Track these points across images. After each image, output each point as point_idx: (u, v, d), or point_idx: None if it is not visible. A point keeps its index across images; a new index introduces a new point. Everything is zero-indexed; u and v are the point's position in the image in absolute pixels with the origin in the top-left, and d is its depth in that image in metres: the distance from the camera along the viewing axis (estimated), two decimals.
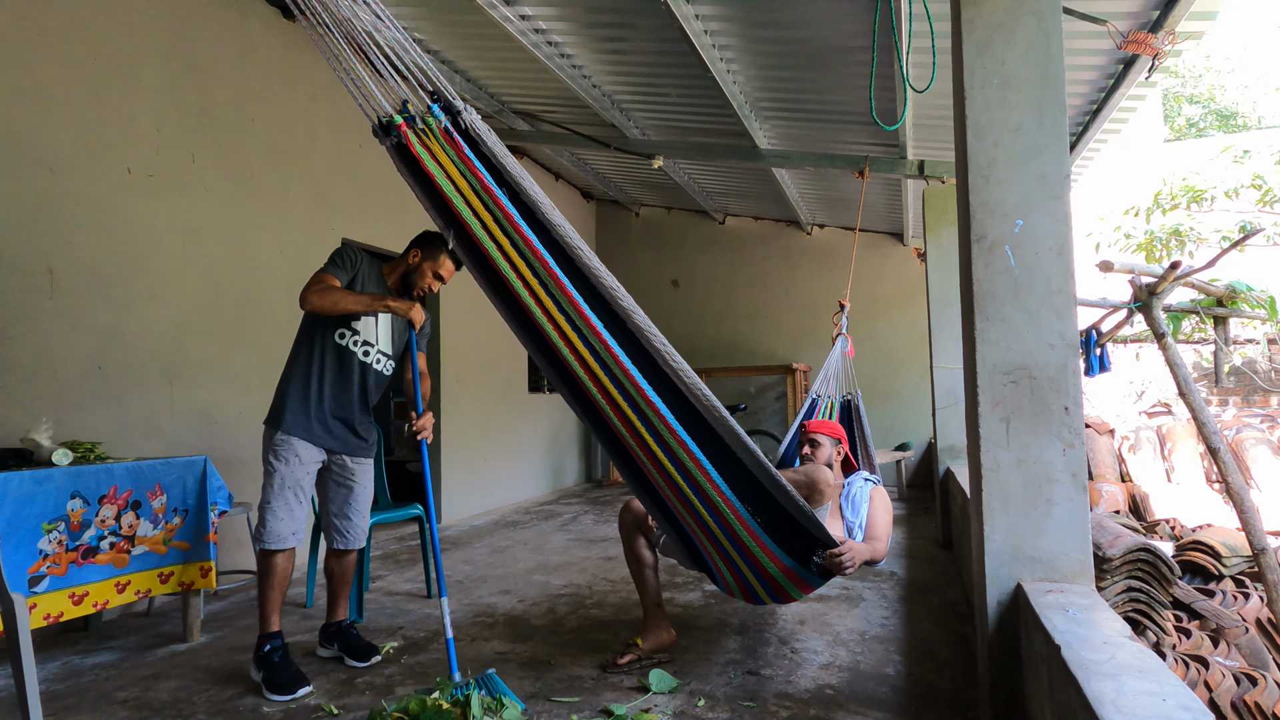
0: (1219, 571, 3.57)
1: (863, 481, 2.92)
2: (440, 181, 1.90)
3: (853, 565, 2.24)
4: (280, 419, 2.54)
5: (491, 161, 1.90)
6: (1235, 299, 3.53)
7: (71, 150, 3.23)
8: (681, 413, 2.02)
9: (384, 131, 1.94)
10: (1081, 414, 1.86)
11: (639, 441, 2.10)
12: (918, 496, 6.84)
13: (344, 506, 2.71)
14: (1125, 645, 1.42)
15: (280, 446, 2.52)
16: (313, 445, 2.56)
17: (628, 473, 2.30)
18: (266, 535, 2.49)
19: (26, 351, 3.03)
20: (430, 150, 1.91)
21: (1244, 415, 6.82)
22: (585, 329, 1.95)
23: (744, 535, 2.17)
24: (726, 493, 2.09)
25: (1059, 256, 1.88)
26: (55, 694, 2.42)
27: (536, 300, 1.97)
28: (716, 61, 3.98)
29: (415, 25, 4.26)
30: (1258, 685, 2.40)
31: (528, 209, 1.91)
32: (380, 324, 2.65)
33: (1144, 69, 3.29)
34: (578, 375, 2.04)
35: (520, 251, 1.93)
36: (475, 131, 1.88)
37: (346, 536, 2.72)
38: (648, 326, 1.96)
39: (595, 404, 2.10)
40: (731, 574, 2.33)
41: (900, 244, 7.68)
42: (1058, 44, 1.92)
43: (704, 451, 2.04)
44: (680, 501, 2.20)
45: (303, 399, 2.54)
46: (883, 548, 2.67)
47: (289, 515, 2.50)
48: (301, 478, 2.54)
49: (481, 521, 5.72)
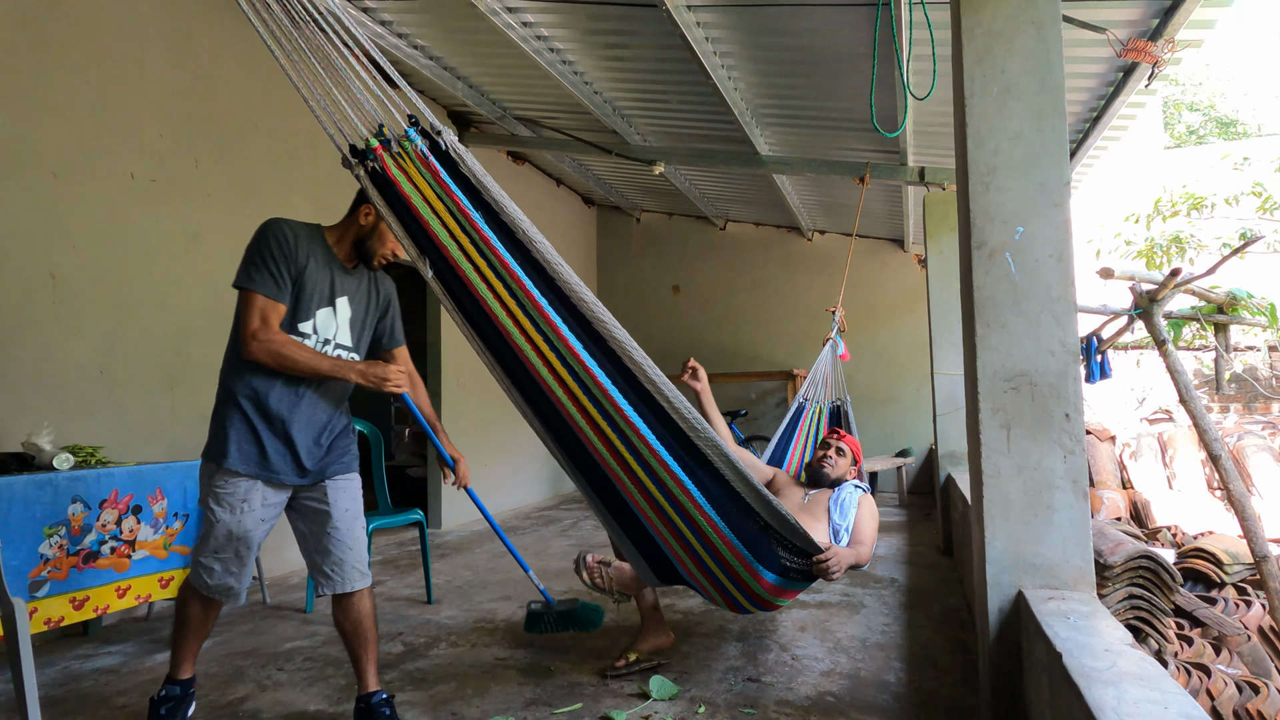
0: (1220, 579, 3.56)
1: (853, 488, 2.98)
2: (416, 203, 1.89)
3: (839, 570, 2.29)
4: (223, 451, 1.96)
5: (470, 182, 1.89)
6: (1236, 306, 3.53)
7: (74, 155, 3.24)
8: (660, 430, 2.01)
9: (359, 157, 1.91)
10: (1082, 421, 1.86)
11: (617, 459, 2.06)
12: (918, 503, 6.83)
13: (321, 537, 2.07)
14: (1127, 653, 1.42)
15: (223, 489, 1.95)
16: (269, 486, 2.00)
17: (594, 490, 2.20)
18: (215, 589, 2.01)
19: (28, 356, 3.04)
20: (406, 173, 1.89)
21: (1245, 422, 6.82)
22: (561, 348, 1.94)
23: (726, 553, 2.16)
24: (707, 509, 2.08)
25: (1059, 263, 1.89)
26: (54, 699, 2.42)
27: (514, 320, 1.95)
28: (718, 68, 3.99)
29: (417, 32, 4.28)
30: (1260, 693, 2.39)
31: (506, 229, 1.91)
32: (339, 310, 2.09)
33: (1144, 77, 3.30)
34: (555, 395, 2.02)
35: (497, 273, 1.91)
36: (455, 153, 1.89)
37: (333, 577, 2.06)
38: (626, 341, 1.96)
39: (572, 423, 2.06)
40: (715, 588, 2.31)
41: (901, 250, 7.69)
42: (1057, 52, 1.92)
43: (683, 469, 2.03)
44: (659, 517, 2.16)
45: (243, 425, 1.98)
46: (867, 552, 2.75)
47: (240, 569, 2.02)
48: (253, 528, 1.98)
49: (482, 527, 5.71)
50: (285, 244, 1.96)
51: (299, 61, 1.87)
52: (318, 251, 2.04)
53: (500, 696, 2.37)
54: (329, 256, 2.07)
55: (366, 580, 2.12)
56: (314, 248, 2.03)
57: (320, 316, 2.05)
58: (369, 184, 1.92)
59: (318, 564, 2.08)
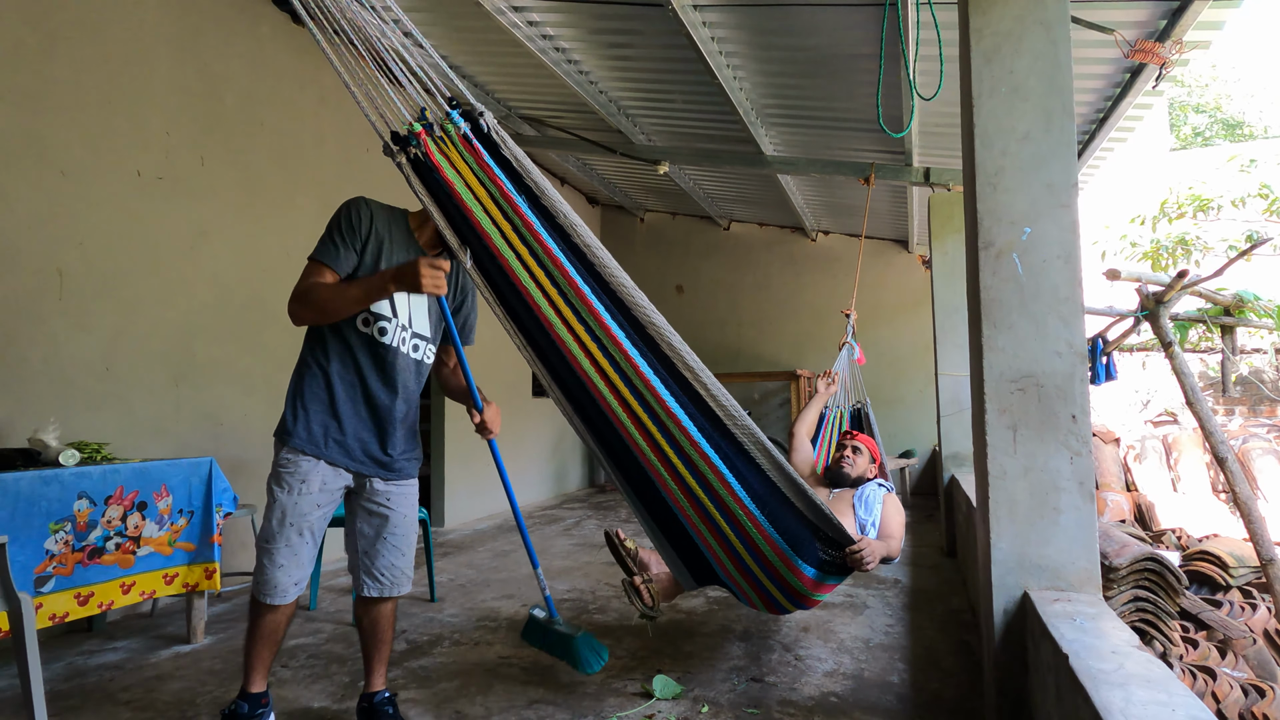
0: (1226, 582, 3.54)
1: (876, 486, 3.04)
2: (459, 189, 1.86)
3: (872, 561, 2.30)
4: (288, 431, 1.94)
5: (511, 166, 1.88)
6: (1242, 308, 3.51)
7: (82, 153, 3.25)
8: (700, 420, 2.00)
9: (400, 144, 1.88)
10: (1089, 422, 1.86)
11: (658, 454, 2.05)
12: (922, 504, 6.82)
13: (376, 542, 2.05)
14: (1133, 655, 1.41)
15: (285, 469, 1.93)
16: (329, 467, 1.95)
17: (633, 488, 2.20)
18: (262, 584, 1.94)
19: (35, 352, 3.05)
20: (449, 158, 1.88)
21: (1251, 425, 6.79)
22: (604, 337, 1.93)
23: (766, 549, 2.15)
24: (746, 502, 2.06)
25: (1066, 264, 1.88)
26: (59, 694, 2.43)
27: (555, 309, 1.93)
28: (723, 68, 3.99)
29: (423, 30, 4.27)
30: (1265, 697, 2.38)
31: (547, 214, 1.90)
32: (413, 296, 2.01)
33: (1151, 78, 3.29)
34: (596, 387, 2.00)
35: (539, 260, 1.90)
36: (498, 134, 1.87)
37: (381, 580, 2.05)
38: (664, 327, 1.94)
39: (612, 415, 2.03)
40: (751, 587, 2.29)
41: (905, 251, 7.68)
42: (1066, 53, 1.92)
43: (722, 459, 2.02)
44: (699, 515, 2.14)
45: (314, 406, 1.95)
46: (896, 545, 2.81)
47: (291, 560, 1.93)
48: (309, 511, 1.93)
49: (485, 525, 5.71)
50: (354, 219, 1.92)
51: (341, 48, 1.84)
52: (396, 233, 1.97)
53: (503, 695, 2.37)
54: (408, 240, 1.98)
55: (404, 587, 2.09)
56: (392, 229, 1.96)
57: (399, 300, 1.96)
58: (411, 172, 1.89)
59: (367, 566, 2.05)
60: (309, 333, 2.01)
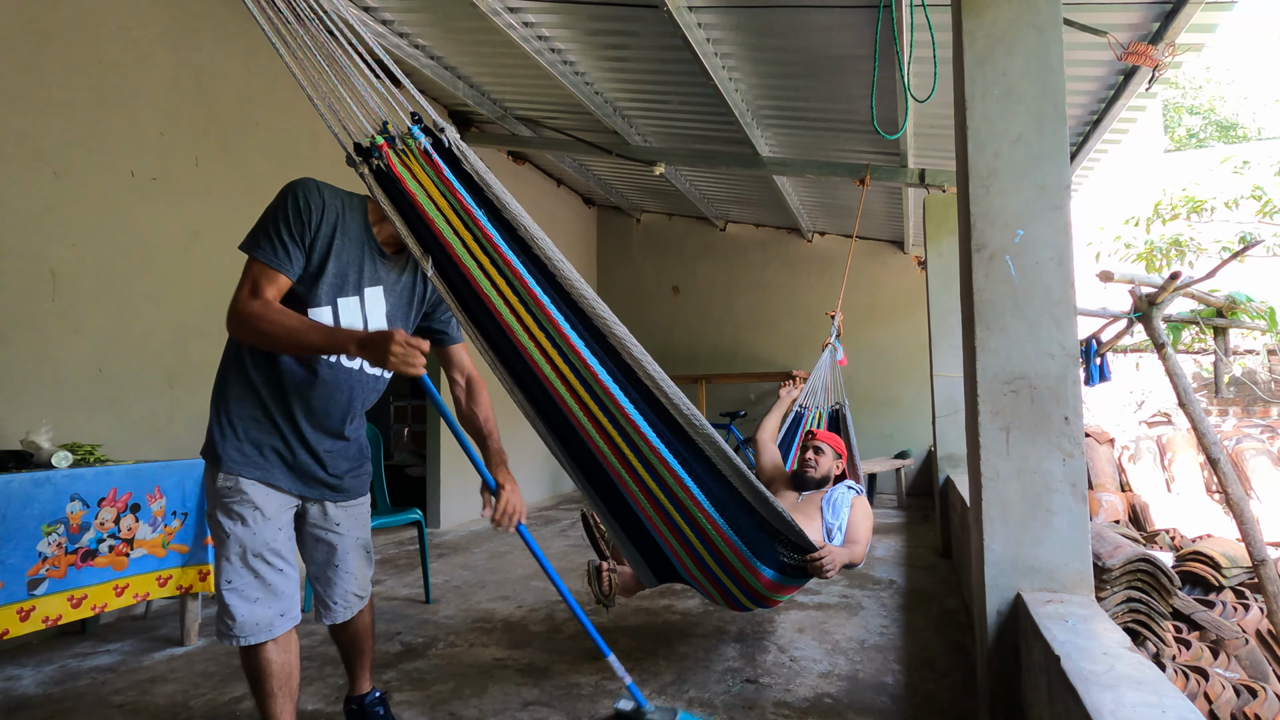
0: (1219, 582, 3.56)
1: (845, 489, 3.04)
2: (421, 200, 1.87)
3: (833, 568, 2.33)
4: (220, 452, 1.67)
5: (472, 179, 1.90)
6: (1235, 309, 3.53)
7: (75, 153, 3.24)
8: (660, 427, 2.03)
9: (363, 155, 1.90)
10: (1081, 424, 1.86)
11: (619, 458, 2.08)
12: (917, 505, 6.83)
13: (326, 569, 1.89)
14: (1125, 656, 1.42)
15: (229, 498, 1.66)
16: (274, 490, 1.71)
17: (594, 489, 2.23)
18: (236, 627, 1.64)
19: (27, 353, 3.03)
20: (410, 170, 1.89)
21: (1244, 426, 6.82)
22: (563, 344, 1.95)
23: (726, 551, 2.19)
24: (706, 507, 2.10)
25: (1059, 266, 1.89)
26: (52, 697, 2.42)
27: (516, 316, 1.95)
28: (719, 69, 3.99)
29: (419, 31, 4.28)
30: (1258, 697, 2.39)
31: (508, 226, 1.91)
32: (369, 302, 1.76)
33: (1144, 80, 3.31)
34: (557, 392, 2.04)
35: (499, 268, 1.91)
36: (458, 150, 1.89)
37: (333, 608, 1.92)
38: (626, 337, 1.96)
39: (574, 420, 2.07)
40: (712, 585, 2.36)
41: (901, 252, 7.70)
42: (1058, 55, 1.92)
43: (683, 466, 2.05)
44: (660, 516, 2.18)
45: (250, 424, 1.70)
46: (861, 551, 2.80)
47: (265, 593, 1.66)
48: (270, 537, 1.67)
49: (479, 527, 5.71)
50: (304, 207, 1.68)
51: (304, 59, 1.85)
52: (350, 226, 1.73)
53: (498, 697, 2.37)
54: (364, 236, 1.76)
55: (365, 601, 1.99)
56: (346, 221, 1.72)
57: (343, 306, 1.70)
58: (373, 183, 1.90)
59: (319, 593, 1.93)
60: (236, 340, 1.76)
